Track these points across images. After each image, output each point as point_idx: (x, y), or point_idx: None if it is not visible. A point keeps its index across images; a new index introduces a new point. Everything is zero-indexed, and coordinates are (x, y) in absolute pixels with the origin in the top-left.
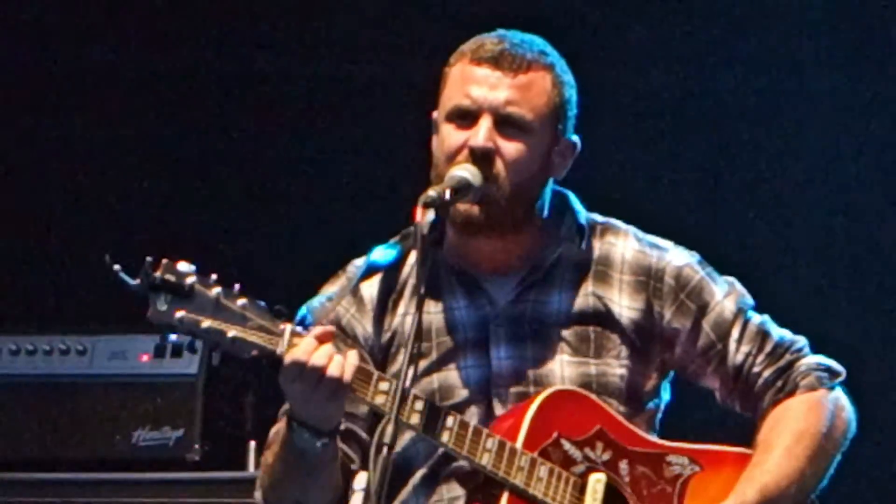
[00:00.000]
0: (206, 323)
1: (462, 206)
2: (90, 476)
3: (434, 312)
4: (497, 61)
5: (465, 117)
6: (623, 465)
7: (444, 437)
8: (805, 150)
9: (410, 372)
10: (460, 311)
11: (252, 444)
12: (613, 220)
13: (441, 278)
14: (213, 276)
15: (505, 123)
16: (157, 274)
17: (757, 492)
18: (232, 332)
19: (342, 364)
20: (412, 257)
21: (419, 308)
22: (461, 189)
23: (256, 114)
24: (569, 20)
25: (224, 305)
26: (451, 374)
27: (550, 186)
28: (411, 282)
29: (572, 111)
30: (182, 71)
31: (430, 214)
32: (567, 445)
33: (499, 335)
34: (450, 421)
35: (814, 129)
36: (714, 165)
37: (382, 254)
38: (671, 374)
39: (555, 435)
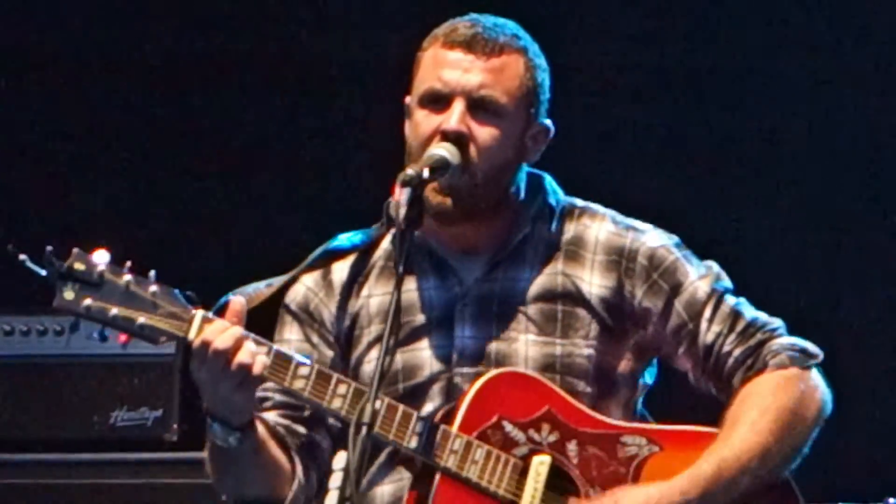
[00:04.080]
0: (113, 310)
1: (435, 199)
2: (68, 456)
3: (405, 291)
4: (470, 45)
5: (438, 101)
6: (571, 447)
7: (369, 418)
8: (790, 133)
9: (375, 352)
10: (429, 291)
11: None
12: (593, 205)
13: (413, 258)
14: (127, 265)
15: (478, 107)
16: (66, 263)
17: (713, 465)
18: (141, 319)
19: (252, 351)
20: (385, 241)
21: (398, 286)
22: (439, 167)
23: (219, 93)
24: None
25: (134, 293)
26: (415, 354)
27: (524, 170)
28: (380, 264)
29: (545, 95)
30: (138, 52)
31: (407, 192)
32: (509, 427)
33: (464, 314)
34: (377, 404)
35: (799, 111)
36: (695, 146)
37: (344, 239)
38: (653, 358)
39: (495, 417)
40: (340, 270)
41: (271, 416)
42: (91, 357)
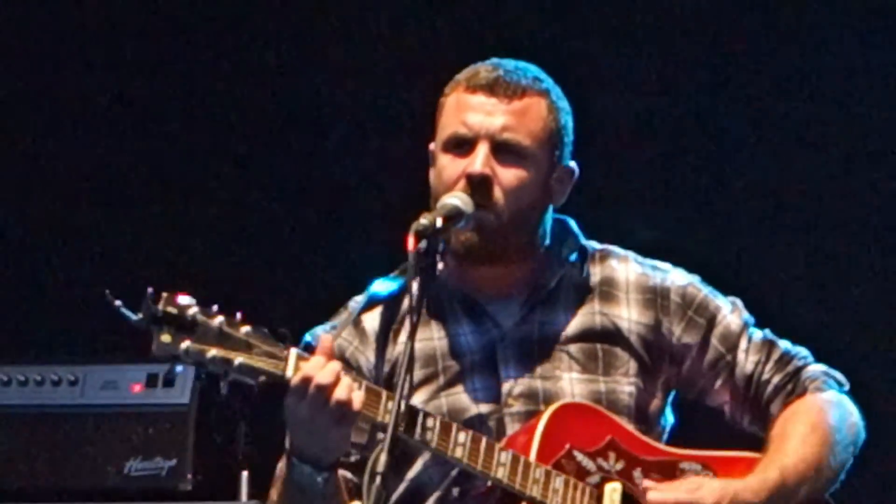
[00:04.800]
0: (211, 352)
1: (461, 236)
2: None
3: (438, 339)
4: (492, 88)
5: (462, 145)
6: (637, 474)
7: (458, 452)
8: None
9: (417, 397)
10: (465, 336)
11: (244, 473)
12: (611, 246)
13: (444, 304)
14: (215, 307)
15: (502, 150)
16: (159, 307)
17: (777, 470)
18: (239, 360)
19: (350, 386)
20: (414, 287)
21: (412, 336)
22: (453, 217)
23: (252, 140)
24: (558, 49)
25: (228, 334)
26: (460, 397)
27: (551, 213)
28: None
29: (569, 137)
30: (169, 97)
31: (423, 243)
32: (580, 457)
33: (507, 355)
34: (462, 436)
35: (806, 150)
36: (710, 189)
37: (383, 286)
38: (672, 395)
39: (567, 447)
40: (371, 319)
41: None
42: (105, 407)
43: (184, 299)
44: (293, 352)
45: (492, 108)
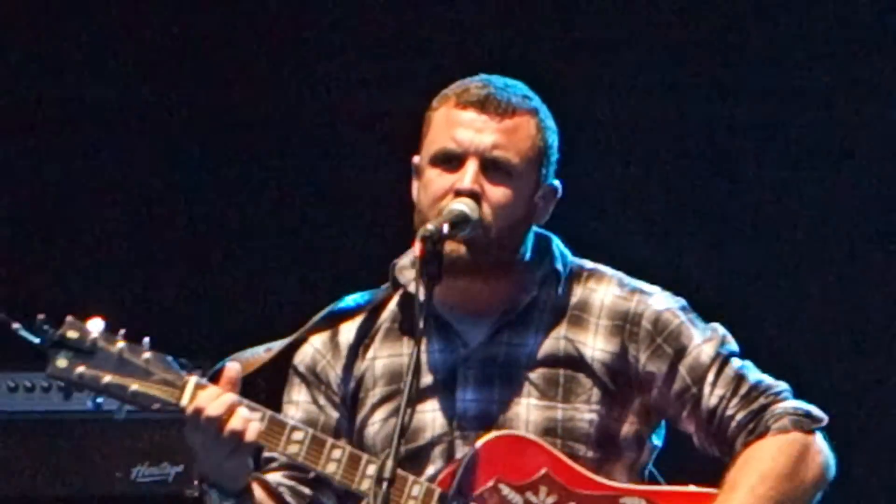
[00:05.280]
0: (106, 378)
1: (449, 247)
2: None
3: (405, 355)
4: (483, 105)
5: (451, 161)
6: None
7: (364, 485)
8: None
9: (379, 414)
10: (433, 354)
11: None
12: (601, 267)
13: (416, 321)
14: (121, 332)
15: (491, 168)
16: (59, 331)
17: None
18: (133, 387)
19: (244, 418)
20: (392, 303)
21: (417, 344)
22: (459, 223)
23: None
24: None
25: (127, 360)
26: (419, 417)
27: (532, 232)
28: (385, 326)
29: (554, 156)
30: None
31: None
32: (506, 491)
33: (467, 377)
34: (371, 469)
35: (810, 161)
36: (705, 201)
37: (350, 300)
38: (661, 421)
39: (492, 481)
40: (347, 332)
41: (276, 477)
42: (112, 413)
43: (91, 324)
44: (192, 380)
45: (482, 126)
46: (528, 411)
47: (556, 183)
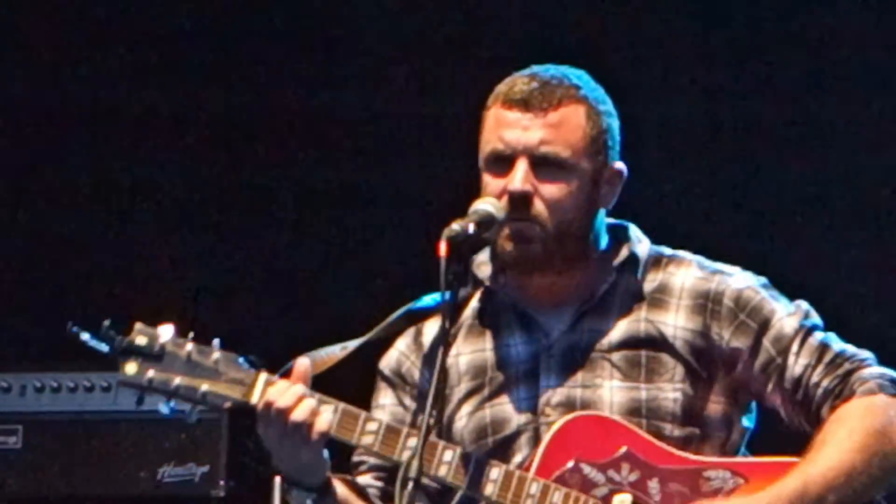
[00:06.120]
0: (177, 381)
1: (507, 247)
2: None
3: (489, 349)
4: (527, 102)
5: (502, 162)
6: (653, 485)
7: (443, 471)
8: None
9: (466, 408)
10: (516, 346)
11: (277, 479)
12: (681, 253)
13: (500, 314)
14: (190, 335)
15: (542, 164)
16: (127, 338)
17: (799, 481)
18: (204, 387)
19: (312, 409)
20: (473, 300)
21: (444, 347)
22: (485, 223)
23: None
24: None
25: (196, 362)
26: (503, 408)
27: (603, 218)
28: (468, 322)
29: (613, 139)
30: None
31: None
32: (587, 469)
33: (549, 365)
34: (448, 455)
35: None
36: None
37: (429, 299)
38: (750, 401)
39: (572, 461)
40: (431, 330)
41: (366, 479)
42: (138, 413)
43: (160, 329)
44: (262, 377)
45: (528, 123)
46: (611, 393)
47: (620, 165)
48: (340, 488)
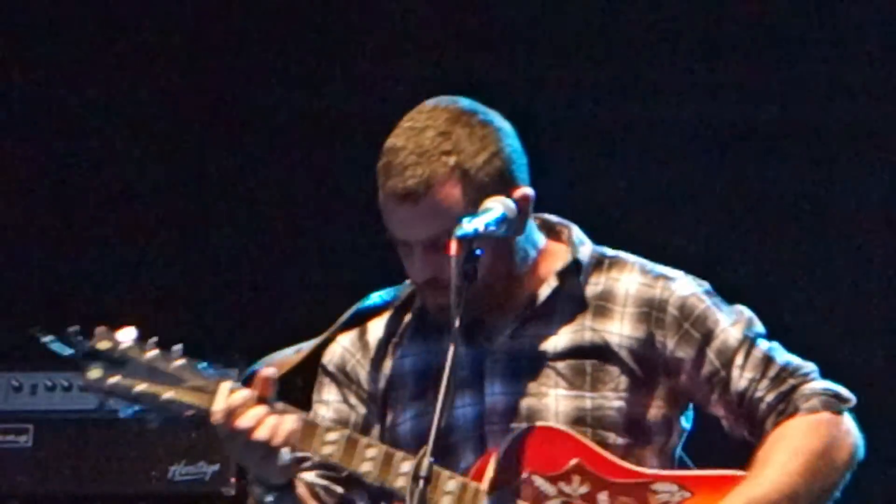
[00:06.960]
0: (139, 387)
1: (432, 301)
2: None
3: (432, 352)
4: (401, 198)
5: (403, 245)
6: (602, 497)
7: (399, 482)
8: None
9: (410, 412)
10: (459, 350)
11: None
12: (622, 254)
13: (440, 319)
14: (152, 340)
15: (435, 246)
16: (90, 343)
17: (744, 499)
18: (166, 395)
19: (272, 426)
20: (417, 300)
21: (454, 342)
22: (497, 221)
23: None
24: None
25: (158, 368)
26: (448, 413)
27: (526, 237)
28: (413, 323)
29: (509, 172)
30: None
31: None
32: (539, 482)
33: (494, 371)
34: (405, 466)
35: (844, 160)
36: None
37: (376, 297)
38: (689, 404)
39: (525, 472)
40: (376, 330)
41: (310, 476)
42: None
43: (122, 333)
44: (224, 385)
45: (407, 215)
46: (556, 402)
47: (523, 191)
48: (300, 488)
